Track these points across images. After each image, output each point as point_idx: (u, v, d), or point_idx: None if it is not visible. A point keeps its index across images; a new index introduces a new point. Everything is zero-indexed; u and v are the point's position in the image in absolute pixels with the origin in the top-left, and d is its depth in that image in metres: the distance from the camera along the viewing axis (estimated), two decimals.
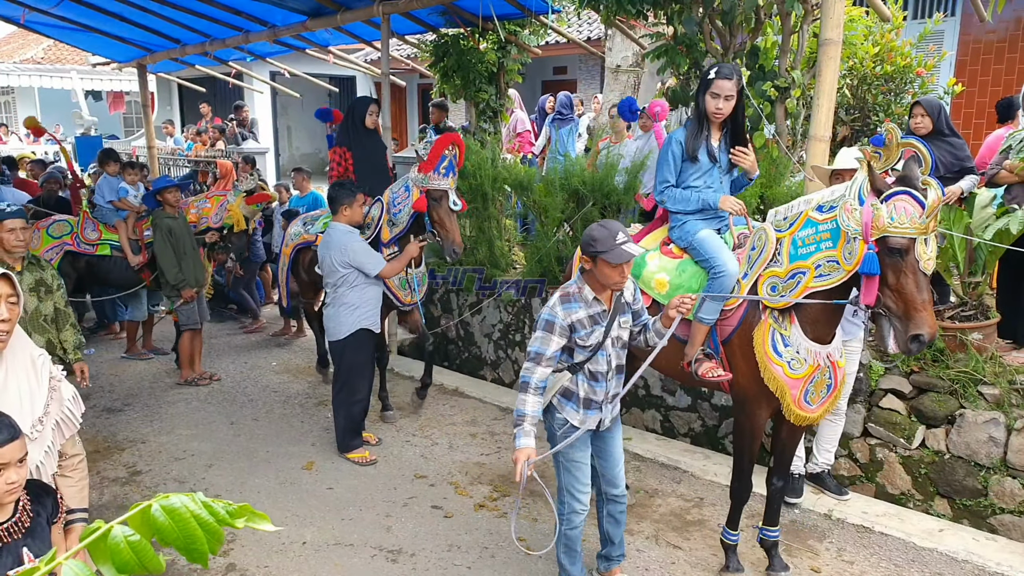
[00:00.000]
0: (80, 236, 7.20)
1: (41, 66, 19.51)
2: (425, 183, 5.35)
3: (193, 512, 0.72)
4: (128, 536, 0.69)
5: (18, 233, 4.27)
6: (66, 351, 4.55)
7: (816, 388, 3.53)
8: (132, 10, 8.80)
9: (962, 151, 5.40)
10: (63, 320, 4.54)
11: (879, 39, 6.76)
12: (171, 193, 6.61)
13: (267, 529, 0.79)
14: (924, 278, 3.06)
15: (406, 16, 8.06)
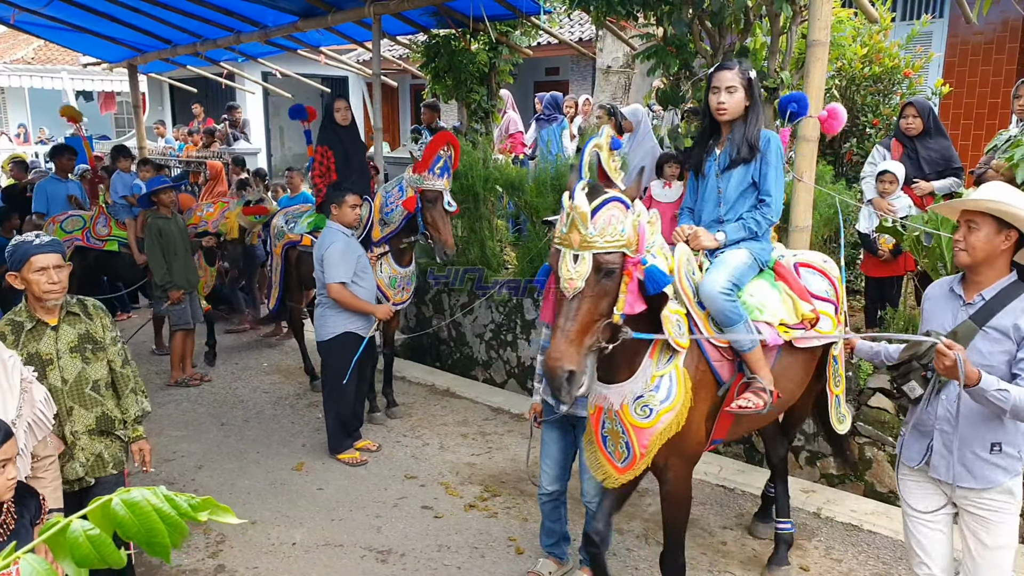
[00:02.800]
0: (91, 231, 7.26)
1: (31, 66, 19.42)
2: (420, 183, 5.31)
3: (154, 505, 0.72)
4: (87, 530, 0.69)
5: (51, 273, 3.06)
6: (125, 423, 3.39)
7: (612, 438, 3.07)
8: (123, 10, 8.79)
9: (949, 152, 5.44)
10: (123, 384, 3.37)
11: (867, 40, 6.80)
12: (165, 194, 6.60)
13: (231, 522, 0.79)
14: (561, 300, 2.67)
15: (397, 17, 8.07)
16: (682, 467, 3.17)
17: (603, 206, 2.63)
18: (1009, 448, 2.66)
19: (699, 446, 3.20)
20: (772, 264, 3.45)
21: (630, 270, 2.69)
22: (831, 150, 6.89)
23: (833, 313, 3.53)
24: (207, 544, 4.22)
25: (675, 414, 2.94)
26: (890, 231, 4.97)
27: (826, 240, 5.83)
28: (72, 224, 7.26)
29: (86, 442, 3.24)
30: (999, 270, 2.65)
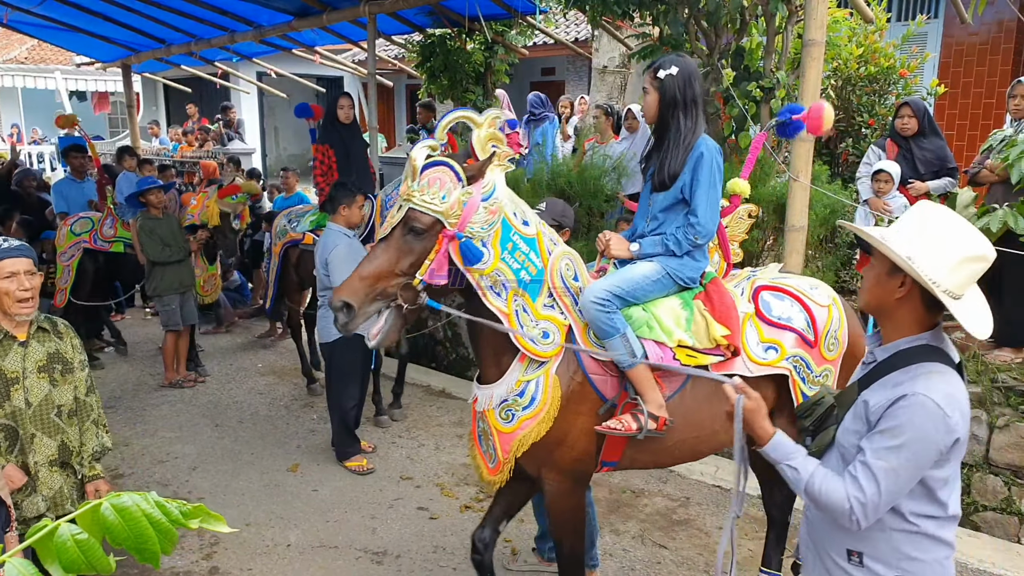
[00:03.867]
0: (99, 233, 7.24)
1: (24, 66, 19.34)
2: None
3: (145, 511, 0.70)
4: (76, 535, 0.68)
5: (22, 279, 2.77)
6: (82, 460, 3.01)
7: (484, 438, 3.07)
8: (117, 9, 8.76)
9: (944, 152, 5.45)
10: (84, 413, 3.02)
11: (863, 40, 6.81)
12: (154, 194, 6.57)
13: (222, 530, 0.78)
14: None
15: (392, 16, 8.06)
16: (559, 481, 3.04)
17: (432, 166, 2.69)
18: (874, 563, 1.97)
19: (578, 463, 3.01)
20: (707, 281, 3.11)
21: (442, 240, 2.71)
22: (827, 150, 6.90)
23: (796, 344, 3.05)
24: (201, 546, 4.20)
25: (537, 422, 2.86)
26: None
27: (822, 240, 5.84)
28: (81, 226, 7.27)
29: (46, 475, 2.89)
30: (900, 326, 1.98)
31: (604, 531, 4.26)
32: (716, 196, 3.00)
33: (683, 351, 2.93)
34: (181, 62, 12.04)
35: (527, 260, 2.84)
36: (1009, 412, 4.44)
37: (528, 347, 2.83)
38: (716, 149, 2.98)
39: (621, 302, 2.91)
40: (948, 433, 1.83)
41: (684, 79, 2.95)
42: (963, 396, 1.89)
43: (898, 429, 1.85)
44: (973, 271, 1.88)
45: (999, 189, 5.06)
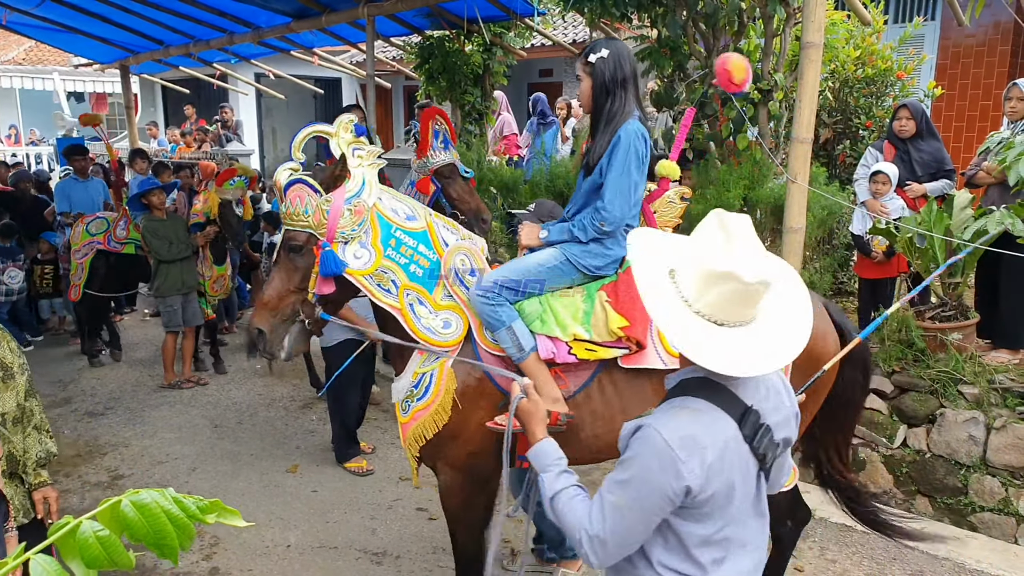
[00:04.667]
0: (112, 234, 7.29)
1: (22, 67, 19.33)
2: (429, 165, 4.95)
3: (163, 508, 0.71)
4: (97, 531, 0.69)
5: None
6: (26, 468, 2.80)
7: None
8: (115, 11, 8.76)
9: (941, 154, 5.48)
10: (26, 419, 2.84)
11: (860, 43, 6.84)
12: (155, 195, 6.59)
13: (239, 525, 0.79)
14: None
15: (391, 18, 8.07)
16: (451, 476, 3.01)
17: (291, 185, 2.80)
18: None
19: (473, 458, 2.96)
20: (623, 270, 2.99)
21: (317, 252, 2.80)
22: (824, 152, 6.92)
23: None
24: (201, 547, 4.20)
25: (429, 414, 2.88)
26: (883, 232, 5.00)
27: (820, 242, 5.86)
28: (97, 227, 7.37)
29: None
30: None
31: None
32: (628, 182, 2.88)
33: (580, 345, 2.83)
34: (179, 63, 12.04)
35: (416, 254, 2.88)
36: (1006, 413, 4.46)
37: (426, 338, 2.86)
38: (637, 134, 2.87)
39: (511, 293, 2.87)
40: (677, 478, 1.60)
41: (614, 61, 2.89)
42: (716, 443, 1.63)
43: (628, 463, 1.68)
44: (721, 293, 1.60)
45: (996, 191, 5.08)
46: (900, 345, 4.89)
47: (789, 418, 1.78)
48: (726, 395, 1.67)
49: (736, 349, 1.61)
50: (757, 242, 1.65)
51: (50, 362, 7.55)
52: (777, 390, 1.77)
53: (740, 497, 1.68)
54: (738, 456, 1.66)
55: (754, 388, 1.70)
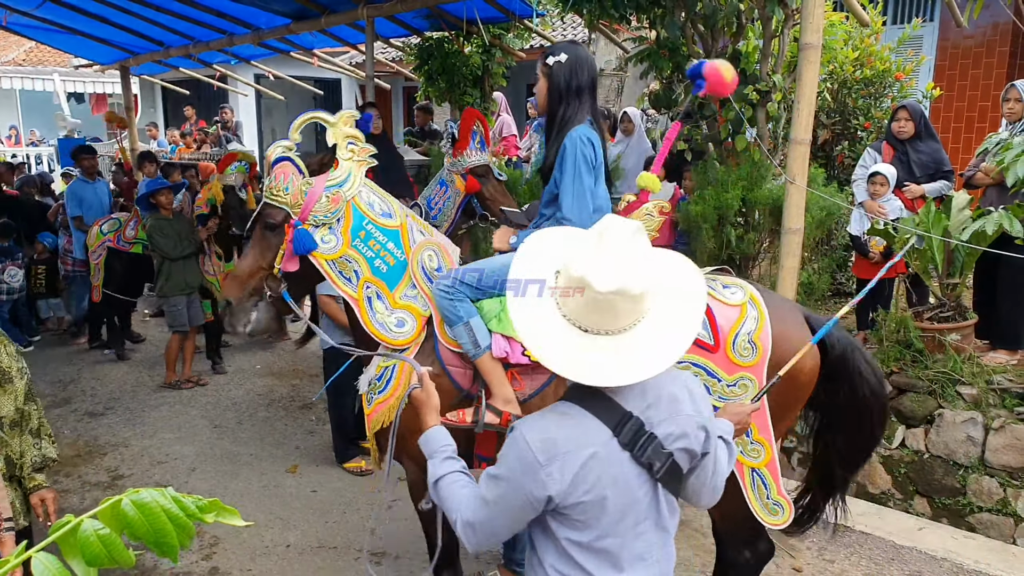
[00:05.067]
0: (122, 234, 7.37)
1: (22, 68, 19.33)
2: (464, 164, 4.92)
3: (163, 506, 0.73)
4: (98, 530, 0.70)
5: None
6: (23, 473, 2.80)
7: None
8: (115, 12, 8.76)
9: (939, 155, 5.49)
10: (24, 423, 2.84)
11: (859, 44, 6.85)
12: (163, 195, 6.63)
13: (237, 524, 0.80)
14: None
15: (390, 19, 8.08)
16: (413, 470, 3.05)
17: (278, 162, 2.89)
18: None
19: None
20: None
21: (288, 230, 2.88)
22: (823, 153, 6.93)
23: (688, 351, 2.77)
24: (200, 546, 4.21)
25: (387, 407, 2.93)
26: (882, 233, 5.01)
27: (818, 243, 5.87)
28: (109, 227, 7.50)
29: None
30: None
31: None
32: (582, 187, 2.87)
33: None
34: (179, 64, 12.04)
35: (383, 249, 2.94)
36: (1005, 414, 4.47)
37: (376, 332, 2.91)
38: (581, 138, 2.86)
39: (470, 290, 2.89)
40: (536, 482, 1.60)
41: (571, 68, 2.90)
42: (580, 449, 1.60)
43: (499, 461, 1.70)
44: (577, 299, 1.59)
45: (994, 192, 5.10)
46: (898, 346, 4.91)
47: (688, 429, 1.71)
48: (604, 401, 1.64)
49: (595, 357, 1.58)
50: (635, 250, 1.61)
51: (50, 362, 7.56)
52: (675, 398, 1.71)
53: (620, 506, 1.64)
54: (610, 464, 1.62)
55: (639, 395, 1.66)
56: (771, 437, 2.71)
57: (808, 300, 5.37)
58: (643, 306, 1.60)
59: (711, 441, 1.77)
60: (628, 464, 1.63)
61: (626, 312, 1.58)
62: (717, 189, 5.39)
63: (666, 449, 1.65)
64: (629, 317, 1.59)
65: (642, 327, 1.61)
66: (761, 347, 2.69)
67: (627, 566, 1.67)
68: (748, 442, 2.72)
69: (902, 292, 5.56)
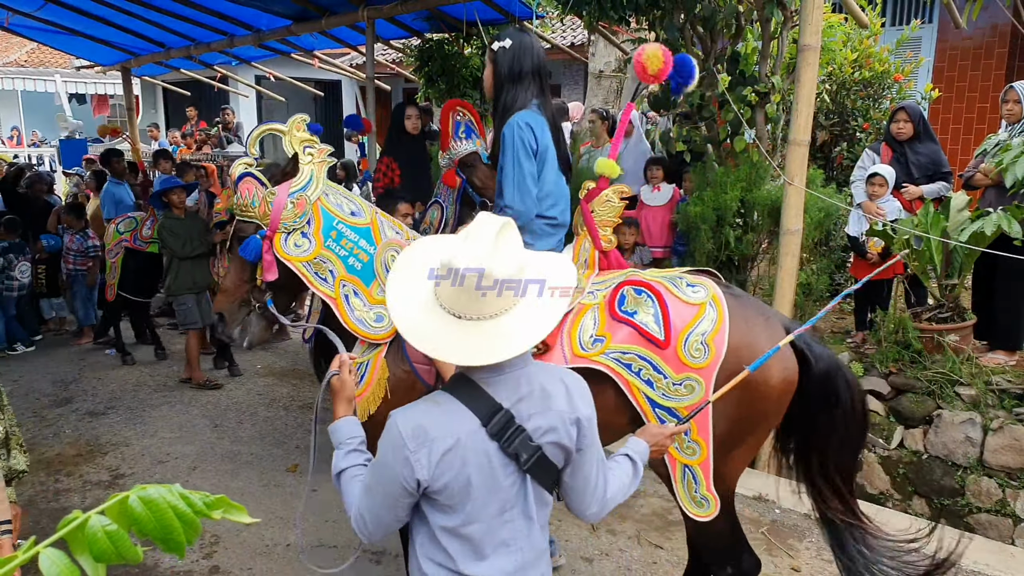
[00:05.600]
0: (139, 234, 7.39)
1: (24, 69, 19.36)
2: (452, 156, 4.73)
3: (170, 503, 0.74)
4: (106, 526, 0.72)
5: None
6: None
7: None
8: (116, 13, 8.79)
9: (938, 156, 5.50)
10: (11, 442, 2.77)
11: (857, 45, 6.87)
12: (175, 194, 6.66)
13: (244, 520, 0.81)
14: None
15: (391, 21, 8.09)
16: None
17: (241, 179, 2.97)
18: None
19: None
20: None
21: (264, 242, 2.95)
22: (822, 154, 6.95)
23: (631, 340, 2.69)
24: (201, 545, 4.23)
25: (362, 400, 2.96)
26: (880, 234, 5.03)
27: (817, 243, 5.89)
28: (125, 226, 7.52)
29: None
30: None
31: (600, 531, 4.30)
32: (520, 173, 2.90)
33: None
34: (180, 66, 12.07)
35: (356, 247, 2.99)
36: (1003, 414, 4.48)
37: (356, 328, 2.94)
38: (519, 124, 2.86)
39: None
40: (407, 468, 1.67)
41: (513, 54, 2.93)
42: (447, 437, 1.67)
43: (378, 448, 1.77)
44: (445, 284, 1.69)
45: (993, 193, 5.11)
46: (897, 346, 4.92)
47: (558, 424, 1.75)
48: (476, 392, 1.72)
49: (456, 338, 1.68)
50: (501, 242, 1.68)
51: (51, 362, 7.58)
52: (549, 394, 1.76)
53: (485, 493, 1.71)
54: (475, 452, 1.68)
55: (512, 388, 1.73)
56: (709, 438, 2.63)
57: (806, 301, 5.38)
58: (510, 296, 1.68)
59: (587, 438, 1.81)
60: (495, 454, 1.70)
61: (491, 298, 1.65)
62: (716, 190, 5.41)
63: (535, 442, 1.72)
64: (495, 304, 1.67)
65: (509, 317, 1.68)
66: (714, 350, 2.60)
67: (490, 552, 1.74)
68: (685, 440, 2.66)
69: (900, 293, 5.57)
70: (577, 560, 4.03)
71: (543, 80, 2.99)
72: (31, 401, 6.47)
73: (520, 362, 1.75)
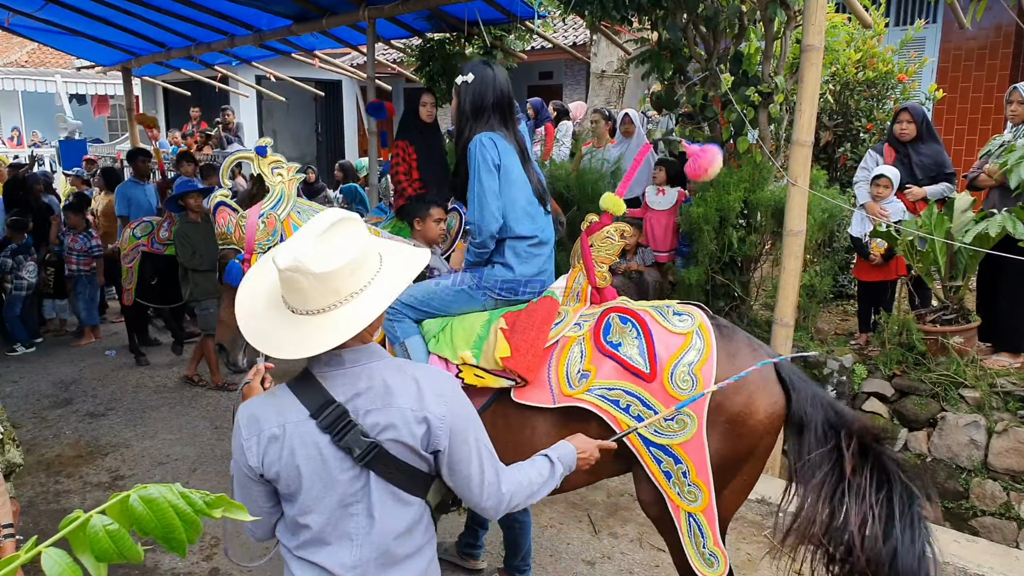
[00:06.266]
0: (156, 236, 7.38)
1: (25, 69, 19.37)
2: None
3: (171, 502, 0.73)
4: (107, 525, 0.70)
5: None
6: None
7: None
8: (117, 13, 8.77)
9: (941, 157, 5.48)
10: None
11: (861, 45, 6.85)
12: (192, 198, 6.61)
13: (244, 519, 0.80)
14: None
15: (392, 21, 8.07)
16: None
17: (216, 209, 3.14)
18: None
19: None
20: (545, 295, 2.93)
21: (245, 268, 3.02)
22: (825, 155, 6.93)
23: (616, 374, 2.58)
24: (201, 547, 4.20)
25: None
26: (884, 235, 5.01)
27: (820, 245, 5.87)
28: (142, 230, 7.49)
29: None
30: None
31: (602, 534, 4.28)
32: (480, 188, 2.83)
33: (469, 370, 2.74)
34: (181, 66, 12.05)
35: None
36: (1008, 417, 4.46)
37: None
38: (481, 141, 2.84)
39: (413, 311, 2.91)
40: (242, 454, 1.73)
41: (475, 89, 2.93)
42: (275, 426, 1.71)
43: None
44: (278, 280, 1.71)
45: (997, 194, 5.09)
46: (901, 348, 4.90)
47: (398, 421, 1.73)
48: (311, 385, 1.73)
49: (285, 333, 1.69)
50: (331, 236, 1.68)
51: (51, 363, 7.56)
52: (392, 391, 1.74)
53: (319, 484, 1.72)
54: (303, 444, 1.70)
55: (350, 384, 1.73)
56: (709, 481, 2.49)
57: (810, 303, 5.36)
58: (342, 287, 1.67)
59: (444, 437, 1.77)
60: (328, 447, 1.70)
61: (317, 291, 1.64)
62: (719, 191, 5.39)
63: (369, 437, 1.70)
64: (324, 298, 1.66)
65: (342, 311, 1.67)
66: (702, 380, 2.48)
67: (334, 541, 1.75)
68: (685, 483, 2.51)
69: (904, 295, 5.55)
70: (579, 563, 4.01)
71: (506, 113, 2.97)
72: (31, 402, 6.45)
73: (364, 358, 1.75)
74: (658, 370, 2.53)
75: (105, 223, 8.98)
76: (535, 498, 1.97)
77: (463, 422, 1.80)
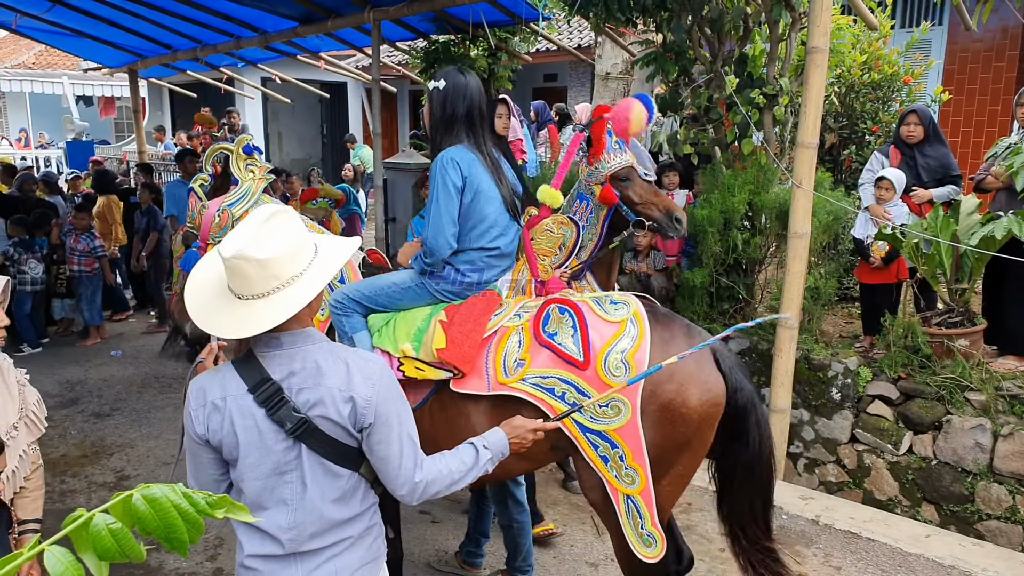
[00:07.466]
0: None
1: (32, 71, 19.45)
2: (604, 171, 3.85)
3: (174, 502, 0.73)
4: (110, 524, 0.70)
5: None
6: None
7: None
8: (123, 15, 8.81)
9: (947, 159, 5.46)
10: None
11: (867, 47, 6.83)
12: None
13: (247, 520, 0.80)
14: None
15: (397, 23, 8.10)
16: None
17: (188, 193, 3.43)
18: None
19: None
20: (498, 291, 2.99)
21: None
22: (830, 157, 6.92)
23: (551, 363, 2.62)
24: (205, 547, 4.21)
25: None
26: (889, 238, 5.00)
27: (825, 247, 5.86)
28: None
29: None
30: None
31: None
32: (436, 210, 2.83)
33: (410, 362, 2.79)
34: (187, 67, 12.10)
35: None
36: (1013, 420, 4.45)
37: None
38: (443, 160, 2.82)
39: (361, 307, 2.97)
40: (190, 421, 1.91)
41: (445, 96, 2.89)
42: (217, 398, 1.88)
43: None
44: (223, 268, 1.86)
45: (1003, 196, 5.08)
46: (906, 351, 4.89)
47: (326, 399, 1.87)
48: (252, 364, 1.89)
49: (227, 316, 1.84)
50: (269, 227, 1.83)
51: (57, 363, 7.59)
52: (322, 371, 1.88)
53: (256, 453, 1.87)
54: (241, 414, 1.86)
55: (285, 363, 1.88)
56: (646, 464, 2.54)
57: (815, 305, 5.35)
58: (283, 272, 1.81)
59: (368, 417, 1.89)
60: (263, 419, 1.86)
61: (260, 277, 1.79)
62: (723, 193, 5.39)
63: (300, 413, 1.86)
64: (266, 282, 1.80)
65: (281, 295, 1.82)
66: (635, 367, 2.51)
67: (271, 506, 1.91)
68: (623, 467, 2.54)
69: (910, 297, 5.53)
70: (582, 565, 4.01)
71: (475, 122, 2.93)
72: None
73: (301, 341, 1.89)
74: (591, 358, 2.57)
75: (100, 225, 8.97)
76: (458, 486, 2.06)
77: (388, 404, 1.92)
